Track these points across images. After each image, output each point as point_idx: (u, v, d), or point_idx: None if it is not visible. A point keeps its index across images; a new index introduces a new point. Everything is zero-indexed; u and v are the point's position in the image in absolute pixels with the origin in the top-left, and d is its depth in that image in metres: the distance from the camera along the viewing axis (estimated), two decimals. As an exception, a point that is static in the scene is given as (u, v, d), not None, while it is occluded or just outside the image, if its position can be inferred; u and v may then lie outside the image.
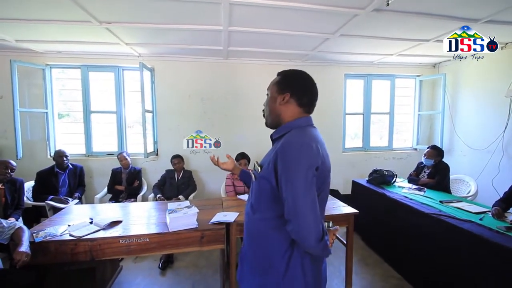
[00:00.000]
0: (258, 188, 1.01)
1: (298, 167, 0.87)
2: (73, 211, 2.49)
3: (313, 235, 0.85)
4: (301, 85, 1.07)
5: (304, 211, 0.85)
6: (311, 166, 0.88)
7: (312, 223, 0.85)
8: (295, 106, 1.06)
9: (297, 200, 0.85)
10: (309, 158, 0.88)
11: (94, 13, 2.44)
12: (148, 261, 2.86)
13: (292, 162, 0.88)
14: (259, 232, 1.01)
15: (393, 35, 3.05)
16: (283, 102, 1.05)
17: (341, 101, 4.47)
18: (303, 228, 0.85)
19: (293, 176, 0.86)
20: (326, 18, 2.57)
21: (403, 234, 2.59)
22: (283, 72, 1.12)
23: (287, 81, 1.08)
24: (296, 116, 1.06)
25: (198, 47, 3.45)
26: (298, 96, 1.05)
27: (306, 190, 0.86)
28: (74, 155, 3.86)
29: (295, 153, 0.88)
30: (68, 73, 3.98)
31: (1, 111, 3.54)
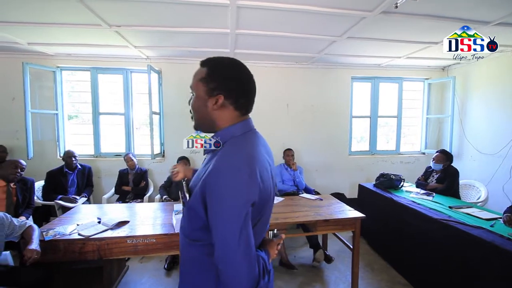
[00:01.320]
0: (187, 215, 0.83)
1: (229, 209, 0.70)
2: (82, 210, 2.53)
3: (245, 282, 0.70)
4: (237, 82, 0.84)
5: (236, 260, 0.69)
6: (245, 204, 0.71)
7: (246, 272, 0.70)
8: (232, 111, 0.84)
9: (227, 249, 0.69)
10: (242, 196, 0.71)
11: (104, 16, 2.49)
12: (154, 261, 2.88)
13: (221, 203, 0.70)
14: (191, 257, 0.84)
15: (401, 38, 3.03)
16: (215, 106, 0.82)
17: (347, 104, 4.44)
18: (234, 278, 0.70)
19: (222, 220, 0.70)
20: (333, 21, 2.57)
21: (410, 240, 2.55)
22: (209, 63, 0.85)
23: (217, 77, 0.82)
24: (232, 121, 0.85)
25: (205, 50, 3.48)
26: (234, 98, 0.83)
27: (239, 236, 0.69)
28: (83, 156, 3.92)
29: (225, 190, 0.70)
30: (78, 75, 4.06)
31: (13, 112, 3.63)
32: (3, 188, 2.56)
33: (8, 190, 2.59)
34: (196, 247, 0.82)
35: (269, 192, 0.81)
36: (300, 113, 4.33)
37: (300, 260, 2.96)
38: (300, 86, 4.31)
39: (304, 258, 3.01)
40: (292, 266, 2.77)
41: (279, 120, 4.27)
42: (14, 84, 3.54)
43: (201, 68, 0.87)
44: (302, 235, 3.07)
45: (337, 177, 4.47)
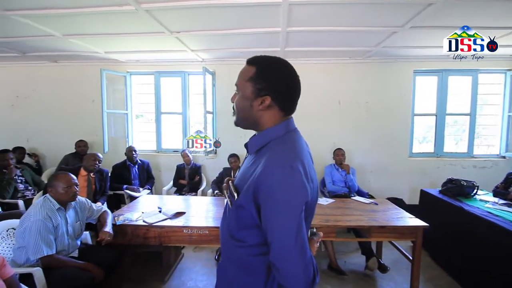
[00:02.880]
0: (235, 216, 0.81)
1: (286, 209, 0.70)
2: (145, 200, 2.82)
3: (302, 282, 0.71)
4: (286, 83, 0.82)
5: (293, 258, 0.70)
6: (301, 204, 0.71)
7: (302, 269, 0.71)
8: (277, 111, 0.83)
9: (286, 247, 0.70)
10: (299, 195, 0.71)
11: (167, 24, 2.72)
12: (205, 252, 3.05)
13: (277, 203, 0.70)
14: (237, 258, 0.84)
15: (476, 23, 2.63)
16: (261, 107, 0.81)
17: (408, 101, 4.05)
18: (292, 276, 0.71)
19: (279, 220, 0.70)
20: (394, 10, 2.36)
21: (485, 256, 2.21)
22: (258, 62, 0.84)
23: (266, 78, 0.81)
24: (276, 121, 0.83)
25: (256, 50, 3.54)
26: (281, 97, 0.82)
27: (297, 235, 0.70)
28: (146, 151, 4.37)
29: (280, 190, 0.70)
30: (144, 78, 4.52)
31: (93, 112, 4.22)
32: (85, 177, 3.00)
33: (89, 179, 3.03)
34: (242, 248, 0.82)
35: (317, 191, 0.81)
36: (353, 110, 4.10)
37: (350, 266, 2.82)
38: (353, 83, 4.08)
39: (355, 264, 2.86)
40: (342, 271, 2.65)
41: (330, 118, 4.11)
42: (94, 88, 4.11)
43: (249, 66, 0.85)
44: (353, 240, 2.91)
45: (395, 181, 4.11)
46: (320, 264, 2.84)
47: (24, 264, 1.75)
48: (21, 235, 1.75)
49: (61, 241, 1.86)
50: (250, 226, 0.79)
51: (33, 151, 4.28)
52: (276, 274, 0.73)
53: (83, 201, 2.13)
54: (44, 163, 4.40)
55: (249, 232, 0.80)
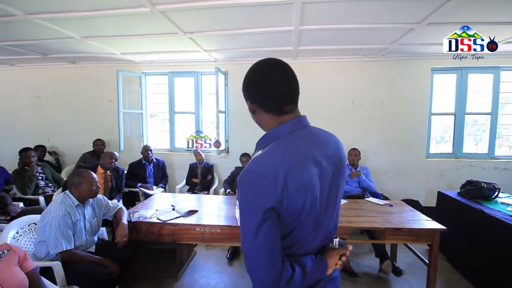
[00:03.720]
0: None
1: (244, 207, 0.74)
2: (159, 198, 2.87)
3: (265, 283, 0.71)
4: (254, 85, 0.85)
5: (253, 256, 0.72)
6: (259, 210, 0.70)
7: (264, 270, 0.70)
8: (264, 114, 0.86)
9: (245, 244, 0.73)
10: (256, 201, 0.71)
11: (181, 25, 2.76)
12: (217, 250, 3.08)
13: (240, 200, 0.75)
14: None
15: (499, 19, 2.52)
16: (251, 112, 0.90)
17: (426, 100, 3.93)
18: (253, 273, 0.73)
19: (241, 216, 0.75)
20: (411, 6, 2.30)
21: (506, 261, 2.11)
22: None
23: (243, 87, 0.88)
24: (274, 123, 0.85)
25: (268, 49, 3.54)
26: (257, 101, 0.85)
27: (255, 236, 0.70)
28: (160, 150, 4.46)
29: (243, 190, 0.74)
30: (158, 79, 4.60)
31: (110, 112, 4.34)
32: (102, 175, 3.10)
33: (105, 177, 3.12)
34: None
35: (304, 199, 0.74)
36: (367, 110, 4.02)
37: (364, 269, 2.77)
38: (367, 81, 4.00)
39: (369, 266, 2.80)
40: (355, 273, 2.61)
41: (344, 118, 4.05)
42: (110, 88, 4.23)
43: None
44: (367, 242, 2.86)
45: (411, 182, 4.00)
46: (332, 265, 2.80)
47: (44, 258, 1.82)
48: (42, 230, 1.82)
49: (79, 236, 1.92)
50: None
51: (53, 149, 4.46)
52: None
53: (100, 198, 2.19)
54: (63, 160, 4.58)
55: None
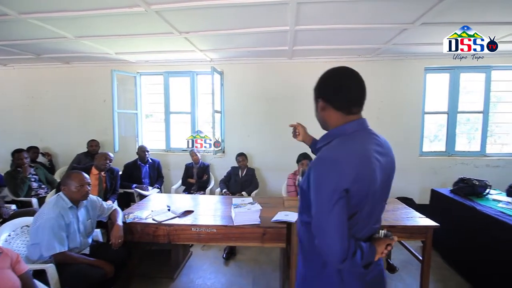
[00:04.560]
0: (300, 193, 1.01)
1: (323, 187, 0.83)
2: (155, 198, 2.86)
3: (336, 254, 0.81)
4: (331, 85, 0.97)
5: (327, 230, 0.82)
6: (336, 189, 0.81)
7: (337, 242, 0.81)
8: (333, 112, 0.96)
9: (321, 219, 0.83)
10: (334, 181, 0.82)
11: (176, 25, 2.75)
12: (213, 250, 3.08)
13: (317, 181, 0.85)
14: (301, 233, 1.02)
15: (491, 19, 2.56)
16: (320, 109, 1.00)
17: (419, 99, 3.97)
18: (326, 246, 0.83)
19: (318, 195, 0.85)
20: (405, 7, 2.32)
21: (498, 257, 2.15)
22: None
23: (318, 85, 1.00)
24: (340, 122, 0.96)
25: (264, 49, 3.54)
26: (330, 100, 0.96)
27: (330, 211, 0.81)
28: (156, 150, 4.44)
29: (320, 172, 0.85)
30: (153, 79, 4.58)
31: (104, 112, 4.31)
32: (96, 176, 3.07)
33: (100, 178, 3.09)
34: (304, 225, 0.98)
35: (367, 187, 0.86)
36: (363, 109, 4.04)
37: (359, 266, 2.79)
38: (362, 81, 4.02)
39: (364, 264, 2.83)
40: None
41: (339, 117, 4.07)
42: (105, 88, 4.20)
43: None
44: (362, 240, 2.89)
45: (405, 180, 4.04)
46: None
47: (37, 261, 1.80)
48: (35, 232, 1.80)
49: (73, 238, 1.91)
50: (308, 208, 0.91)
51: (46, 151, 4.41)
52: (315, 243, 0.86)
53: (94, 199, 2.17)
54: (56, 162, 4.53)
55: (308, 210, 0.93)
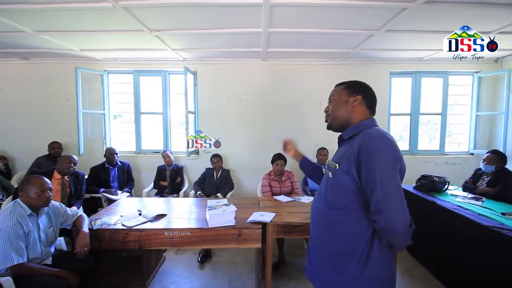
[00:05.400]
0: (335, 183, 1.06)
1: (385, 157, 0.93)
2: (125, 203, 2.73)
3: (403, 221, 0.89)
4: (369, 90, 1.18)
5: (394, 198, 0.90)
6: (396, 159, 0.94)
7: (402, 209, 0.90)
8: (365, 108, 1.14)
9: (387, 189, 0.90)
10: (393, 151, 0.95)
11: (146, 22, 2.66)
12: (188, 254, 3.01)
13: (378, 153, 0.93)
14: (337, 226, 1.05)
15: (447, 28, 2.79)
16: (355, 103, 1.13)
17: (385, 101, 4.22)
18: (395, 215, 0.89)
19: (381, 166, 0.92)
20: (371, 14, 2.45)
21: (456, 248, 2.35)
22: (347, 82, 1.22)
23: (356, 86, 1.17)
24: (364, 117, 1.13)
25: (238, 50, 3.55)
26: (368, 99, 1.15)
27: (394, 178, 0.91)
28: (125, 152, 4.25)
29: (380, 145, 0.94)
30: (122, 77, 4.38)
31: (67, 112, 4.04)
32: (59, 180, 2.87)
33: (63, 183, 2.89)
34: (342, 215, 1.03)
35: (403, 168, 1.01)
36: (333, 111, 4.20)
37: (332, 262, 2.89)
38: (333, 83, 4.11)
39: (336, 260, 2.93)
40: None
41: (312, 118, 4.18)
42: (68, 87, 3.93)
43: (339, 86, 1.23)
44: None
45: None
46: (302, 261, 2.89)
47: (-8, 274, 1.64)
48: (-11, 243, 1.64)
49: (33, 248, 1.76)
50: (350, 191, 1.00)
51: (2, 154, 4.03)
52: (378, 219, 0.91)
53: (56, 205, 2.03)
54: (13, 166, 4.16)
55: (348, 198, 1.01)
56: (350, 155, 1.00)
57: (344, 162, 1.03)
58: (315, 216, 1.18)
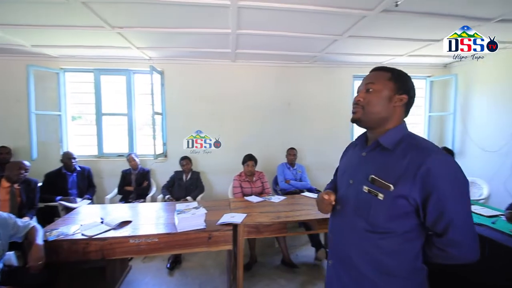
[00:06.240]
0: (388, 207, 0.88)
1: (467, 190, 0.85)
2: (85, 211, 2.55)
3: (478, 251, 0.85)
4: (414, 91, 0.98)
5: (474, 233, 0.84)
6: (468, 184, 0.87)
7: (478, 243, 0.85)
8: (403, 111, 0.97)
9: (470, 224, 0.84)
10: (464, 175, 0.85)
11: (107, 18, 2.51)
12: (156, 261, 2.90)
13: (461, 185, 0.84)
14: (386, 250, 0.90)
15: (402, 36, 3.02)
16: (399, 103, 0.94)
17: (349, 102, 4.42)
18: (474, 247, 0.84)
19: (464, 200, 0.84)
20: (334, 20, 2.56)
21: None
22: (389, 69, 0.98)
23: (405, 82, 0.96)
24: (401, 120, 0.98)
25: (206, 50, 3.50)
26: (412, 101, 0.97)
27: (470, 207, 0.86)
28: (86, 156, 3.97)
29: (461, 174, 0.83)
30: (81, 76, 4.08)
31: (18, 114, 3.67)
32: (7, 189, 2.60)
33: (12, 191, 2.63)
34: (386, 239, 0.89)
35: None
36: (302, 112, 4.33)
37: (302, 259, 2.97)
38: (302, 85, 4.31)
39: (306, 256, 3.02)
40: (294, 264, 2.78)
41: (281, 119, 4.27)
42: (18, 86, 3.59)
43: (381, 72, 0.98)
44: (304, 234, 3.08)
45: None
46: (273, 260, 2.93)
47: None
48: None
49: (-25, 266, 1.57)
50: (403, 215, 0.87)
51: None
52: (454, 251, 0.84)
53: (5, 217, 1.82)
54: (-50, 174, 3.67)
55: (400, 221, 0.88)
56: (414, 176, 0.84)
57: (404, 183, 0.85)
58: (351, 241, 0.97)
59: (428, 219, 0.85)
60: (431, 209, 0.83)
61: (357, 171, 0.99)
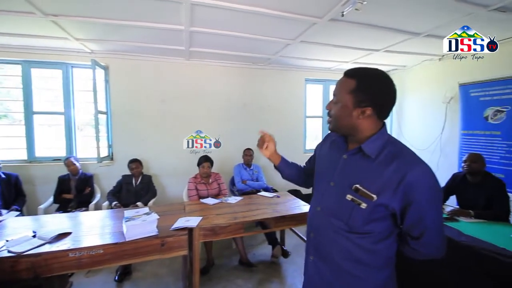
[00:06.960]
0: (368, 213, 0.90)
1: (440, 200, 0.92)
2: (12, 224, 2.20)
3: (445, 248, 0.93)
4: (384, 94, 0.90)
5: (444, 231, 0.93)
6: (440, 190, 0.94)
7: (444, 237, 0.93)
8: (375, 120, 0.92)
9: (441, 225, 0.91)
10: (438, 183, 0.91)
11: (38, 4, 2.21)
12: (102, 274, 2.64)
13: (437, 195, 0.89)
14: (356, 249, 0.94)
15: (348, 44, 3.27)
16: (361, 116, 0.90)
17: (302, 105, 4.65)
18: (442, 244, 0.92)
19: (439, 204, 0.91)
20: (287, 25, 2.65)
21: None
22: (357, 75, 0.92)
23: (367, 89, 0.89)
24: (376, 128, 0.93)
25: (158, 46, 3.32)
26: (380, 109, 0.90)
27: (441, 212, 0.95)
28: (12, 161, 3.44)
29: (431, 180, 0.87)
30: (6, 69, 3.52)
31: None
32: None
33: None
34: (365, 238, 0.93)
35: None
36: (257, 112, 4.39)
37: (259, 258, 3.01)
38: (257, 86, 4.37)
39: (263, 255, 3.06)
40: (251, 264, 2.80)
41: (237, 119, 4.27)
42: None
43: (348, 79, 0.93)
44: (260, 233, 3.12)
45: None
46: (231, 261, 2.91)
47: None
48: None
49: None
50: (380, 218, 0.91)
51: None
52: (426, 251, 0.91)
53: None
54: None
55: (377, 224, 0.92)
56: (391, 187, 0.86)
57: (386, 193, 0.87)
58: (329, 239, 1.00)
59: (406, 224, 0.90)
60: (409, 217, 0.87)
61: (339, 175, 0.98)
